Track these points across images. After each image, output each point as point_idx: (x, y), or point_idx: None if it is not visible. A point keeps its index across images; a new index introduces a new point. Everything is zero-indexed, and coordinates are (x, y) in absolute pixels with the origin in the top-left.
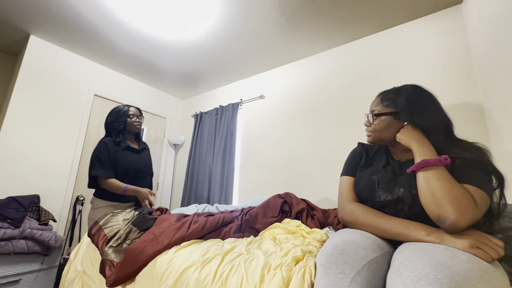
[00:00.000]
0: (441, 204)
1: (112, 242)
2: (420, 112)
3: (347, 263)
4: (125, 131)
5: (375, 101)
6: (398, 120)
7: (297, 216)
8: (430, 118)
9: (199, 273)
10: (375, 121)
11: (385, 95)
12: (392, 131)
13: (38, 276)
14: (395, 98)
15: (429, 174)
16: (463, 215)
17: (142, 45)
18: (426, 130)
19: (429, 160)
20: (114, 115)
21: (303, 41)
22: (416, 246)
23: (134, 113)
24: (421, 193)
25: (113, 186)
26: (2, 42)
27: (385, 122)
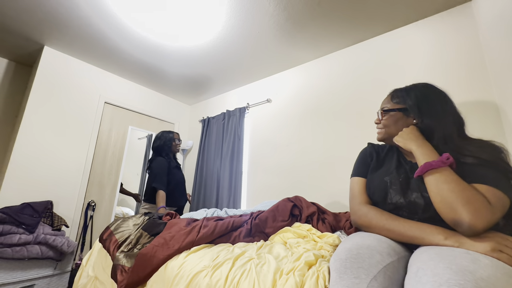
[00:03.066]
0: (454, 208)
1: (123, 247)
2: (430, 109)
3: (362, 267)
4: (170, 152)
5: (386, 99)
6: (407, 116)
7: (307, 220)
8: (441, 116)
9: (210, 278)
10: (384, 117)
11: (396, 92)
12: (400, 127)
13: (51, 281)
14: (405, 95)
15: (435, 178)
16: (478, 217)
17: (150, 52)
18: (434, 128)
19: (431, 163)
20: (162, 139)
21: (309, 44)
22: (434, 250)
23: (176, 137)
24: (432, 198)
25: (160, 198)
26: (18, 54)
27: (394, 117)
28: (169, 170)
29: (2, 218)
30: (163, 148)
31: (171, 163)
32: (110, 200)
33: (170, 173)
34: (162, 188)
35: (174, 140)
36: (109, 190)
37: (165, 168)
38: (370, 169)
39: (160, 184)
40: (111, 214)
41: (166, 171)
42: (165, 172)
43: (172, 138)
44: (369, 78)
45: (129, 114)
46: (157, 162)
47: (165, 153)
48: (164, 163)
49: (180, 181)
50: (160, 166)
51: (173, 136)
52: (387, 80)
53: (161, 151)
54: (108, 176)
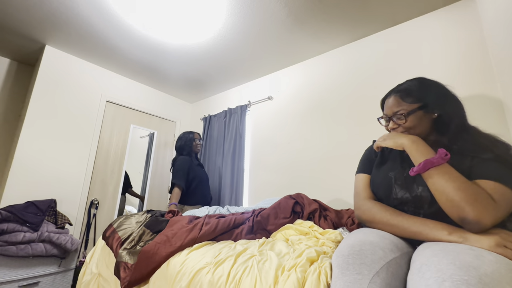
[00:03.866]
0: (459, 206)
1: (126, 244)
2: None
3: (364, 264)
4: (192, 152)
5: (394, 102)
6: (427, 112)
7: (309, 217)
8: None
9: (212, 274)
10: (407, 119)
11: (404, 92)
12: (425, 124)
13: (56, 278)
14: (420, 90)
15: (437, 176)
16: (484, 213)
17: (151, 51)
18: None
19: (432, 160)
20: (183, 140)
21: (311, 41)
22: (438, 246)
23: (196, 137)
24: (436, 196)
25: (174, 195)
26: (20, 53)
27: (418, 117)
28: (192, 168)
29: (7, 216)
30: (184, 148)
31: (193, 161)
32: (113, 198)
33: (193, 171)
34: (180, 185)
35: (194, 140)
36: (112, 188)
37: (186, 166)
38: (374, 165)
39: (178, 180)
40: (114, 212)
41: (187, 169)
42: (185, 170)
43: (192, 138)
44: (371, 75)
45: (130, 112)
46: (179, 160)
47: (186, 153)
48: (186, 161)
49: (204, 178)
50: (181, 164)
51: (193, 137)
52: (389, 77)
53: (182, 151)
54: (111, 175)
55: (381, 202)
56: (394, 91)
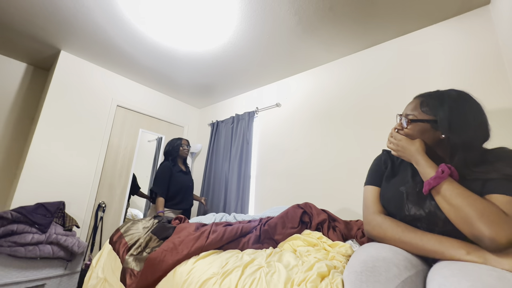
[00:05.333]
0: (471, 223)
1: (132, 250)
2: (461, 127)
3: (379, 282)
4: (177, 157)
5: (412, 104)
6: (435, 129)
7: (317, 228)
8: (471, 133)
9: (219, 286)
10: (408, 126)
11: (426, 99)
12: (427, 139)
13: (61, 281)
14: (437, 105)
15: (441, 195)
16: (498, 229)
17: (161, 57)
18: (458, 149)
19: (429, 181)
20: (171, 145)
21: (320, 49)
22: (456, 265)
23: (184, 143)
24: (446, 214)
25: (159, 204)
26: (36, 58)
27: (421, 128)
28: (172, 174)
29: (17, 217)
30: (171, 153)
31: (175, 167)
32: (120, 202)
33: (173, 177)
34: (160, 193)
35: (181, 146)
36: (119, 191)
37: (166, 173)
38: (384, 177)
39: (158, 188)
40: (120, 215)
41: (168, 176)
42: (166, 177)
43: (179, 144)
44: (382, 83)
45: (139, 117)
46: (161, 167)
47: (172, 158)
48: (166, 168)
49: (184, 184)
50: (161, 171)
51: (180, 142)
52: (400, 85)
53: (168, 156)
54: (119, 178)
55: (392, 217)
56: (420, 95)
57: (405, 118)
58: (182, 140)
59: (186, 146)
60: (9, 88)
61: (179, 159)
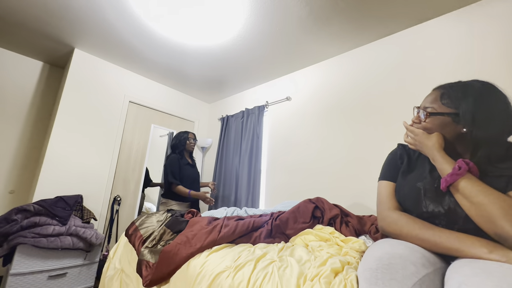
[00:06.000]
0: (494, 222)
1: (147, 243)
2: (487, 119)
3: (395, 279)
4: (184, 150)
5: (432, 96)
6: (457, 123)
7: (329, 223)
8: (496, 127)
9: (232, 279)
10: (427, 119)
11: (447, 91)
12: (448, 133)
13: (81, 270)
14: (459, 97)
15: (461, 192)
16: None
17: (171, 52)
18: (482, 144)
19: (446, 179)
20: (178, 138)
21: (331, 40)
22: (478, 264)
23: (191, 137)
24: (467, 212)
25: (181, 191)
26: (51, 56)
27: (440, 122)
28: (180, 166)
29: (39, 210)
30: (178, 146)
31: (183, 160)
32: (134, 195)
33: (181, 170)
34: (176, 182)
35: (188, 139)
36: (133, 185)
37: (176, 164)
38: (400, 172)
39: (173, 178)
40: (135, 208)
41: (178, 166)
42: (176, 168)
43: (186, 137)
44: (395, 74)
45: (151, 112)
46: (169, 159)
47: (178, 151)
48: (175, 159)
49: (190, 177)
50: (171, 163)
51: (187, 136)
52: (414, 77)
53: (175, 149)
54: (132, 172)
55: (408, 213)
56: (440, 87)
57: (423, 111)
58: (189, 134)
59: (193, 139)
60: (28, 86)
61: (186, 152)
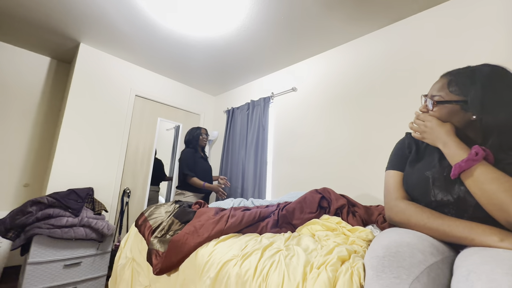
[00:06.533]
0: (507, 210)
1: (156, 233)
2: (497, 105)
3: (402, 267)
4: (197, 145)
5: (439, 84)
6: (465, 111)
7: (336, 213)
8: (507, 113)
9: (239, 267)
10: (434, 108)
11: (454, 77)
12: (457, 121)
13: (95, 259)
14: (467, 83)
15: (472, 179)
16: None
17: (175, 44)
18: (493, 130)
19: (460, 164)
20: (191, 134)
21: (338, 28)
22: (488, 252)
23: (203, 132)
24: (478, 199)
25: (196, 182)
26: (58, 52)
27: (448, 110)
28: (195, 159)
29: (52, 202)
30: (191, 142)
31: (196, 154)
32: (143, 188)
33: (195, 163)
34: (192, 174)
35: (201, 135)
36: (141, 178)
37: (191, 158)
38: (408, 161)
39: (188, 170)
40: (144, 200)
41: (193, 159)
42: (190, 161)
43: (199, 133)
44: (402, 62)
45: (157, 106)
46: (184, 153)
47: (192, 146)
48: (190, 153)
49: (204, 170)
50: (186, 156)
51: (200, 132)
52: (425, 62)
53: (189, 144)
54: (141, 166)
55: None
56: (447, 73)
57: (431, 100)
58: (201, 129)
59: (205, 135)
60: (37, 82)
61: (199, 147)
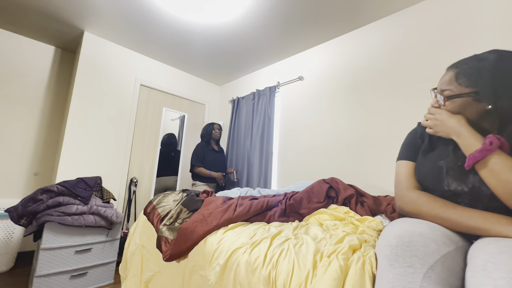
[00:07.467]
0: None
1: (165, 221)
2: (509, 90)
3: (416, 256)
4: (211, 139)
5: (447, 77)
6: (479, 102)
7: (344, 203)
8: None
9: (249, 255)
10: (446, 103)
11: (462, 69)
12: (470, 113)
13: (105, 246)
14: (475, 74)
15: (487, 169)
16: None
17: (179, 32)
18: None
19: (474, 154)
20: (205, 129)
21: (347, 14)
22: (504, 242)
23: (216, 127)
24: (493, 190)
25: (202, 172)
26: (62, 40)
27: (460, 104)
28: (205, 152)
29: (62, 190)
30: (205, 136)
31: (208, 147)
32: (150, 177)
33: (206, 155)
34: (198, 164)
35: (214, 129)
36: (148, 167)
37: (200, 150)
38: (420, 151)
39: (196, 162)
40: (151, 189)
41: (202, 152)
42: (200, 152)
43: (212, 128)
44: (414, 50)
45: (162, 95)
46: (196, 147)
47: (205, 140)
48: (200, 146)
49: (215, 161)
50: (197, 150)
51: (213, 127)
52: (440, 49)
53: (203, 138)
54: (147, 155)
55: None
56: (453, 65)
57: (441, 95)
58: (214, 125)
59: (218, 129)
60: (43, 71)
61: (212, 140)
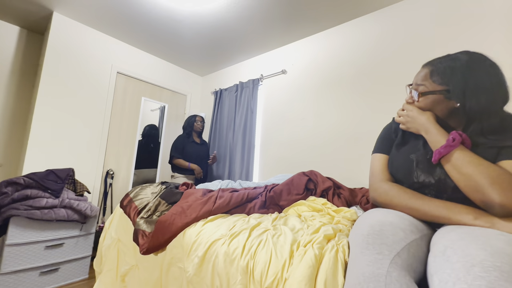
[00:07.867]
0: (482, 191)
1: (143, 214)
2: (478, 91)
3: (385, 244)
4: (192, 131)
5: (422, 74)
6: (449, 99)
7: (322, 195)
8: (488, 97)
9: (227, 246)
10: (419, 99)
11: (436, 67)
12: (440, 110)
13: (78, 241)
14: (448, 73)
15: (451, 164)
16: (509, 196)
17: (161, 18)
18: (475, 116)
19: (440, 150)
20: (187, 121)
21: (331, 9)
22: (464, 230)
23: (198, 120)
24: (456, 183)
25: (181, 163)
26: (28, 20)
27: (431, 100)
28: (185, 144)
29: (29, 183)
30: (186, 128)
31: (189, 139)
32: (127, 169)
33: (186, 147)
34: (177, 156)
35: (196, 122)
36: (126, 159)
37: (179, 142)
38: (394, 145)
39: (175, 152)
40: (129, 182)
41: (181, 144)
42: (179, 144)
43: (194, 120)
44: (397, 47)
45: (141, 85)
46: (176, 138)
47: (187, 132)
48: (180, 138)
49: (195, 153)
50: (176, 141)
51: (195, 119)
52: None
53: (184, 130)
54: (124, 147)
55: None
56: (429, 63)
57: (416, 91)
58: (197, 117)
59: (200, 122)
60: (5, 52)
61: (194, 132)
